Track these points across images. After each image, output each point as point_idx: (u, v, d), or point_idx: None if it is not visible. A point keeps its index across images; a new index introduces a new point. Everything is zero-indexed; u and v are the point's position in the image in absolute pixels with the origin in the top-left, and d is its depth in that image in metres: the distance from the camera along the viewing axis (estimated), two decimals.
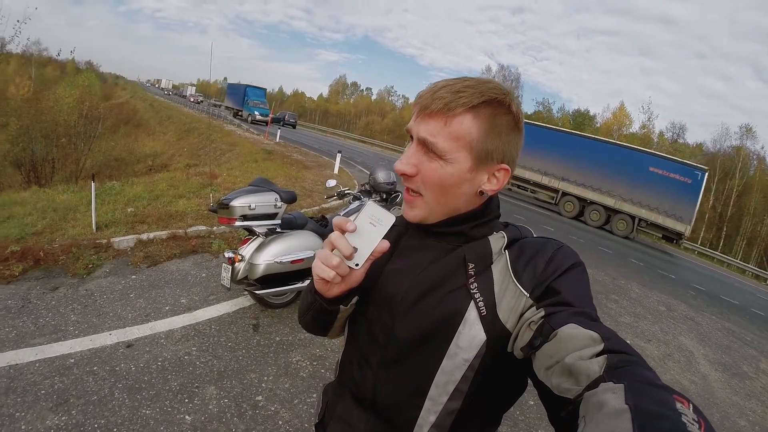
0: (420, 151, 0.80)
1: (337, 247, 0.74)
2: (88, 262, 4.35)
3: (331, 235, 0.76)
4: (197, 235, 5.66)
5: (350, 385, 0.94)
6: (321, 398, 1.08)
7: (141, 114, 41.48)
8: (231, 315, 3.93)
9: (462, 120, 0.76)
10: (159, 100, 53.13)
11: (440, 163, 0.78)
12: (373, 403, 0.88)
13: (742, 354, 6.57)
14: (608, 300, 7.35)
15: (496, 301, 0.78)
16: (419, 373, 0.82)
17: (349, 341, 0.97)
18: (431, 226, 0.86)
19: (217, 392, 2.87)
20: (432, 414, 0.81)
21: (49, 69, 52.87)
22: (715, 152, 41.94)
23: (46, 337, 3.10)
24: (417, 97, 0.81)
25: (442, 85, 0.78)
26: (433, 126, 0.77)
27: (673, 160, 19.16)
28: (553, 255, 0.80)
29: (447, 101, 0.75)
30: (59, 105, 16.98)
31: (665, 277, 11.77)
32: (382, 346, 0.86)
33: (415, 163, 0.80)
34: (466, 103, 0.75)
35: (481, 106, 0.76)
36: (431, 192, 0.81)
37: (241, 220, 3.59)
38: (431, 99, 0.76)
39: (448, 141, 0.76)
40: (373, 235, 0.76)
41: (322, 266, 0.74)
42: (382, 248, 0.77)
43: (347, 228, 0.74)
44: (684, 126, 46.54)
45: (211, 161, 11.85)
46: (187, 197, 7.47)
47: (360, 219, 0.76)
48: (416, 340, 0.82)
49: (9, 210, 5.69)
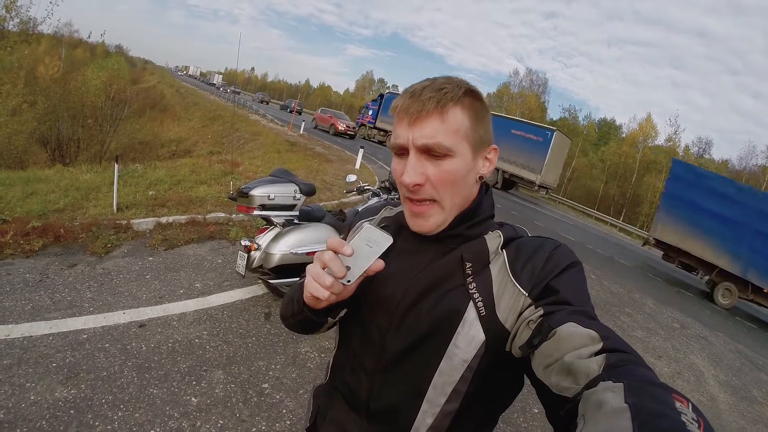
0: (422, 158, 0.78)
1: (330, 267, 0.71)
2: (106, 242, 4.42)
3: (323, 253, 0.73)
4: (216, 222, 5.72)
5: (343, 389, 0.92)
6: (311, 401, 1.07)
7: (167, 99, 42.06)
8: (244, 302, 3.96)
9: (454, 113, 0.77)
10: (186, 86, 53.69)
11: (449, 160, 0.78)
12: (367, 407, 0.86)
13: (752, 378, 6.42)
14: (621, 313, 7.27)
15: (494, 300, 0.77)
16: (417, 375, 0.81)
17: (341, 344, 0.96)
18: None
19: (224, 377, 2.89)
20: (429, 416, 0.80)
21: (79, 51, 53.85)
22: (740, 170, 41.21)
23: (61, 312, 3.16)
24: (400, 110, 0.80)
25: (420, 89, 0.79)
26: (430, 127, 0.76)
27: (529, 123, 24.25)
28: (552, 254, 0.80)
29: (437, 99, 0.76)
30: (87, 86, 17.23)
31: (682, 293, 11.58)
32: (378, 349, 0.85)
33: (421, 171, 0.78)
34: (452, 97, 0.77)
35: (463, 97, 0.78)
36: (446, 192, 0.80)
37: (260, 209, 3.61)
38: (421, 103, 0.76)
39: (449, 137, 0.77)
40: (368, 255, 0.74)
41: (316, 285, 0.72)
42: (377, 268, 0.75)
43: (344, 251, 0.72)
44: (710, 141, 45.84)
45: (233, 149, 11.94)
46: (208, 184, 7.55)
47: (356, 241, 0.75)
48: (414, 342, 0.81)
49: (33, 186, 5.79)
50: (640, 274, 12.21)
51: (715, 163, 44.56)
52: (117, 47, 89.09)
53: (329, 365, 1.02)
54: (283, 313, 0.95)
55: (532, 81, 53.75)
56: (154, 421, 2.38)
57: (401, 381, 0.83)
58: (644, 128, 45.77)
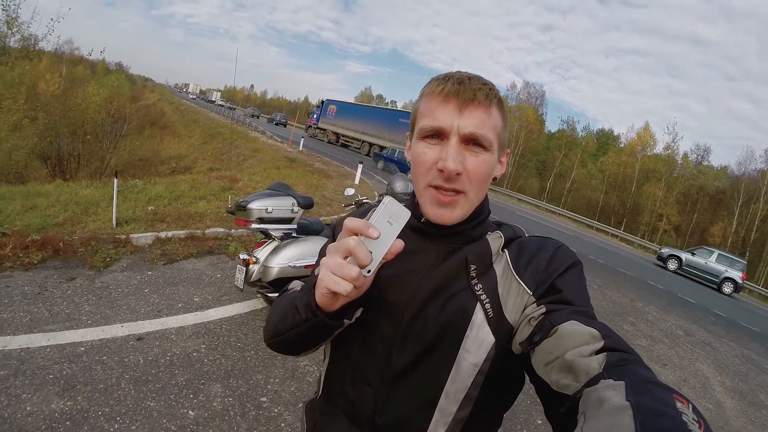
0: (462, 146, 0.76)
1: (356, 255, 0.62)
2: (105, 256, 4.41)
3: (347, 240, 0.64)
4: (215, 237, 5.72)
5: (343, 405, 0.86)
6: (304, 418, 1.00)
7: (168, 116, 42.28)
8: (242, 316, 3.95)
9: (495, 111, 0.78)
10: (186, 104, 54.04)
11: (486, 155, 0.77)
12: (372, 422, 0.81)
13: (759, 382, 6.38)
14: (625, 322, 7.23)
15: (501, 301, 0.76)
16: (427, 384, 0.77)
17: (336, 356, 0.90)
18: (438, 227, 0.82)
19: (222, 390, 2.87)
20: (441, 426, 0.77)
21: (80, 68, 54.30)
22: (739, 175, 41.22)
23: (59, 324, 3.15)
24: (447, 93, 0.76)
25: (466, 78, 0.77)
26: (478, 118, 0.75)
27: (408, 112, 31.87)
28: (555, 253, 0.80)
29: (486, 92, 0.75)
30: (87, 103, 17.34)
31: (685, 301, 11.54)
32: (384, 361, 0.80)
33: (461, 160, 0.75)
34: (496, 94, 0.78)
35: (500, 99, 0.79)
36: (476, 186, 0.78)
37: (258, 222, 3.61)
38: (472, 91, 0.74)
39: (491, 132, 0.77)
40: (388, 235, 0.65)
41: (336, 278, 0.63)
42: (397, 249, 0.67)
43: (370, 234, 0.63)
44: (708, 148, 45.60)
45: (233, 166, 11.99)
46: (207, 199, 7.58)
47: (379, 219, 0.66)
48: (423, 351, 0.77)
49: (33, 201, 5.81)
50: (642, 283, 12.18)
51: (714, 169, 44.59)
52: (117, 65, 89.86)
53: (321, 379, 0.96)
54: (276, 330, 0.85)
55: (529, 94, 53.87)
56: None
57: (411, 392, 0.79)
58: (642, 137, 45.91)
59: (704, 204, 41.67)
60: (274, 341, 0.86)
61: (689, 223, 41.54)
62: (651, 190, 41.64)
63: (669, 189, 41.70)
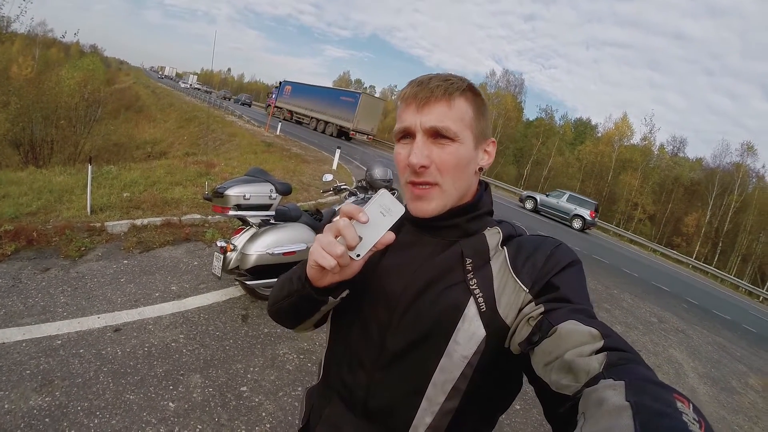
0: (428, 141, 0.81)
1: (344, 235, 0.69)
2: (80, 245, 4.34)
3: (338, 220, 0.71)
4: (191, 224, 5.66)
5: (339, 388, 0.90)
6: (304, 402, 1.05)
7: (143, 100, 41.38)
8: (220, 304, 3.93)
9: (459, 103, 0.82)
10: (161, 87, 52.97)
11: (454, 145, 0.81)
12: (365, 405, 0.85)
13: (731, 369, 6.58)
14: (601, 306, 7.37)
15: (495, 296, 0.78)
16: (417, 372, 0.80)
17: (335, 341, 0.95)
18: (431, 219, 0.85)
19: (202, 381, 2.86)
20: (428, 415, 0.79)
21: (54, 50, 52.86)
22: (714, 167, 42.07)
23: (34, 318, 3.10)
24: (407, 97, 0.84)
25: (427, 79, 0.84)
26: (437, 113, 0.80)
27: (348, 91, 37.78)
28: (553, 252, 0.81)
29: (445, 87, 0.80)
30: (60, 86, 16.87)
31: (659, 289, 11.79)
32: (378, 346, 0.84)
33: (427, 154, 0.80)
34: (458, 88, 0.82)
35: (466, 90, 0.83)
36: (449, 177, 0.82)
37: (235, 209, 3.58)
38: (429, 90, 0.80)
39: (455, 123, 0.80)
40: (380, 225, 0.72)
41: (323, 253, 0.70)
42: (387, 240, 0.74)
43: (359, 218, 0.70)
44: (685, 140, 46.48)
45: (209, 150, 11.82)
46: (183, 185, 7.45)
47: (371, 208, 0.73)
48: (415, 339, 0.80)
49: (5, 189, 5.65)
50: (617, 270, 12.40)
51: (689, 161, 45.48)
52: (92, 47, 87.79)
53: (321, 364, 1.01)
54: (275, 297, 0.94)
55: (508, 81, 53.94)
56: (131, 428, 2.35)
57: (400, 378, 0.82)
58: (620, 128, 46.51)
59: (679, 194, 42.55)
60: (273, 309, 0.95)
61: (664, 212, 42.40)
62: (627, 179, 42.33)
63: (645, 179, 42.43)
